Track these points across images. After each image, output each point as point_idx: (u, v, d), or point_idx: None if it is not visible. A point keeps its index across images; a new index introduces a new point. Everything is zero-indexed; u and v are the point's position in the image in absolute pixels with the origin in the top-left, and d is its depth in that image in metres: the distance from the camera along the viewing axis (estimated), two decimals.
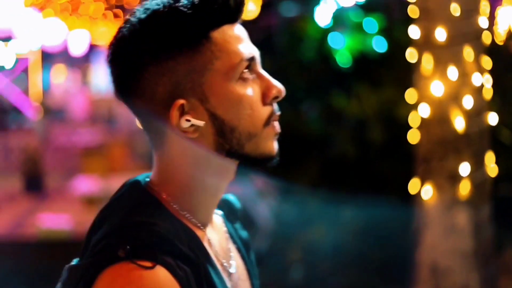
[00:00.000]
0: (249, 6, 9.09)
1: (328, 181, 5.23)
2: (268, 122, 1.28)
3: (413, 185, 3.33)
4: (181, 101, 1.24)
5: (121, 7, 9.82)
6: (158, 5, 1.26)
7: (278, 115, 1.31)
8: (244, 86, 1.27)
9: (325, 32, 6.23)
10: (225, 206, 1.48)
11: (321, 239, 5.07)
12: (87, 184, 7.81)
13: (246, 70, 1.27)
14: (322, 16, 6.33)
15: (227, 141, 1.27)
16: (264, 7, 8.50)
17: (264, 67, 1.29)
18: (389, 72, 5.31)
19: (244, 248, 1.46)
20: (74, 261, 1.29)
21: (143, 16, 1.26)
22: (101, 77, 16.72)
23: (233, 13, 1.28)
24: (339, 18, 6.14)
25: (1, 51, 15.28)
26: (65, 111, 15.84)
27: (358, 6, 6.18)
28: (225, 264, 1.35)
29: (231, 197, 1.52)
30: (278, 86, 1.29)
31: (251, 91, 1.27)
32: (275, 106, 1.30)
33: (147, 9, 1.27)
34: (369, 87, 5.22)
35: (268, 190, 5.53)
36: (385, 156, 5.03)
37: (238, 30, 1.29)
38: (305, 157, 5.45)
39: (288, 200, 5.43)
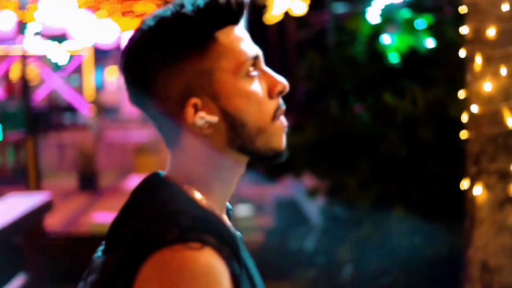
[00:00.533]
0: (298, 5, 9.11)
1: (378, 180, 5.21)
2: (275, 116, 1.36)
3: (464, 184, 3.32)
4: (195, 100, 1.32)
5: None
6: (166, 12, 1.34)
7: (284, 109, 1.38)
8: (250, 83, 1.34)
9: (376, 29, 6.21)
10: None
11: (371, 238, 5.05)
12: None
13: (251, 68, 1.34)
14: (373, 13, 6.31)
15: (239, 136, 1.34)
16: (315, 5, 8.51)
17: (314, 65, 1.37)
18: (440, 71, 5.27)
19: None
20: (99, 253, 1.35)
21: (152, 23, 1.34)
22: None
23: (235, 15, 1.36)
24: (389, 16, 6.11)
25: (55, 51, 15.49)
26: (118, 110, 16.04)
27: (408, 3, 6.15)
28: None
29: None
30: (282, 81, 1.37)
31: (257, 87, 1.35)
32: (281, 100, 1.38)
33: (156, 16, 1.34)
34: (420, 86, 5.19)
35: (318, 189, 5.53)
36: (436, 155, 5.00)
37: (240, 30, 1.37)
38: (355, 156, 5.44)
39: (338, 199, 5.42)
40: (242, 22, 1.39)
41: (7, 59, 16.37)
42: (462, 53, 3.31)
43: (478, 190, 3.24)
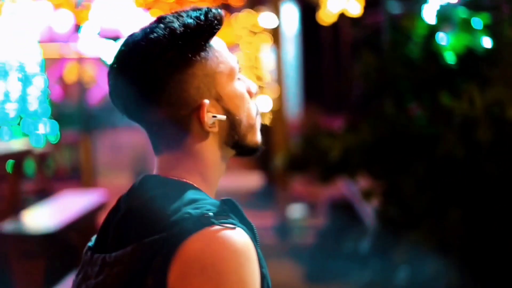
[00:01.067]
0: (353, 5, 9.05)
1: (434, 182, 5.13)
2: (257, 113, 1.56)
3: None
4: (206, 101, 1.45)
5: (227, 6, 9.91)
6: (170, 22, 1.46)
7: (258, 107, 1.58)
8: (239, 85, 1.53)
9: (432, 29, 6.12)
10: None
11: (427, 240, 4.98)
12: None
13: (238, 72, 1.52)
14: (429, 13, 6.22)
15: (237, 133, 1.51)
16: (370, 5, 8.43)
17: (369, 65, 1.42)
18: (498, 70, 5.17)
19: None
20: (90, 249, 1.45)
21: (161, 32, 1.44)
22: None
23: (217, 26, 1.49)
24: (446, 15, 6.02)
25: (110, 51, 15.65)
26: None
27: (464, 2, 6.06)
28: None
29: None
30: (255, 84, 1.58)
31: (244, 89, 1.53)
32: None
33: (166, 27, 1.45)
34: (477, 86, 5.09)
35: (373, 191, 5.48)
36: (494, 157, 4.90)
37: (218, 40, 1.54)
38: (411, 157, 5.36)
39: (393, 201, 5.35)
40: None
41: (64, 59, 16.57)
42: None
43: None
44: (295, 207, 7.09)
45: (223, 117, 1.48)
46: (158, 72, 1.42)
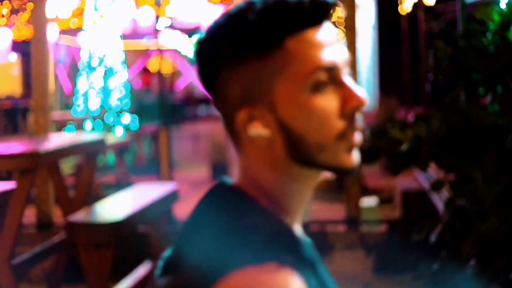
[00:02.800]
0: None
1: (506, 173, 5.06)
2: (342, 135, 1.25)
3: None
4: (247, 109, 1.25)
5: None
6: (237, 9, 1.25)
7: (358, 127, 1.25)
8: (317, 96, 1.23)
9: (507, 18, 6.02)
10: None
11: (496, 233, 4.92)
12: None
13: (322, 79, 1.23)
14: (505, 2, 6.12)
15: (298, 150, 1.25)
16: None
17: (444, 55, 1.27)
18: None
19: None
20: (159, 271, 1.25)
21: (221, 20, 1.26)
22: None
23: (311, 17, 1.24)
24: None
25: (188, 45, 15.82)
26: None
27: None
28: None
29: None
30: (359, 96, 1.24)
31: (325, 101, 1.23)
32: (358, 117, 1.26)
33: (227, 13, 1.26)
34: None
35: (443, 182, 5.43)
36: None
37: (322, 34, 1.25)
38: (483, 148, 5.30)
39: (463, 192, 5.29)
40: (329, 24, 1.26)
41: (147, 53, 16.85)
42: None
43: None
44: (367, 199, 7.07)
45: (265, 132, 1.26)
46: (210, 61, 1.28)
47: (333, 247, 6.24)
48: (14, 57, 18.32)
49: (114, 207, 4.76)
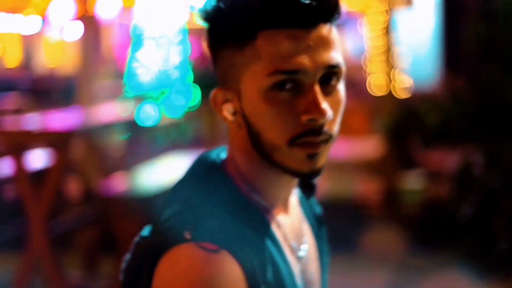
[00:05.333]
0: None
1: None
2: (293, 141, 1.22)
3: None
4: (222, 90, 1.27)
5: None
6: None
7: (318, 138, 1.22)
8: (273, 98, 1.22)
9: None
10: (301, 182, 1.43)
11: None
12: None
13: (286, 82, 1.21)
14: None
15: (256, 143, 1.26)
16: None
17: (480, 35, 1.13)
18: None
19: (316, 225, 1.48)
20: (146, 231, 1.31)
21: (209, 6, 1.28)
22: (350, 42, 16.87)
23: (289, 17, 1.21)
24: None
25: None
26: None
27: None
28: (294, 246, 1.33)
29: None
30: (318, 108, 1.20)
31: (280, 105, 1.21)
32: (325, 128, 1.22)
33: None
34: None
35: (475, 159, 5.41)
36: None
37: (301, 36, 1.22)
38: None
39: (495, 168, 5.27)
40: (320, 28, 1.23)
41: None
42: None
43: None
44: (410, 173, 7.06)
45: (230, 117, 1.28)
46: (207, 37, 1.30)
47: (372, 222, 6.28)
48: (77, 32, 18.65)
49: (149, 179, 4.85)
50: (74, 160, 5.70)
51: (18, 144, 4.99)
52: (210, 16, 1.27)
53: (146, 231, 1.31)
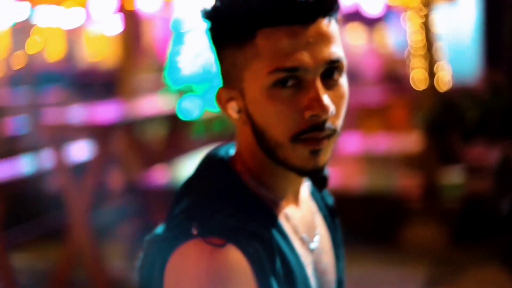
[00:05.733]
0: None
1: None
2: (296, 137, 1.24)
3: None
4: (226, 89, 1.30)
5: None
6: None
7: (321, 133, 1.24)
8: (277, 95, 1.23)
9: None
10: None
11: None
12: (361, 142, 7.97)
13: (287, 79, 1.22)
14: None
15: (261, 140, 1.28)
16: None
17: None
18: None
19: (329, 216, 1.50)
20: (159, 229, 1.37)
21: (211, 4, 1.31)
22: (393, 37, 16.79)
23: (287, 15, 1.22)
24: None
25: None
26: (356, 71, 16.11)
27: None
28: (305, 237, 1.35)
29: None
30: (321, 104, 1.21)
31: (282, 102, 1.23)
32: (327, 124, 1.24)
33: None
34: None
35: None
36: None
37: (300, 32, 1.23)
38: None
39: None
40: (318, 24, 1.24)
41: None
42: None
43: None
44: (451, 168, 7.00)
45: (235, 115, 1.30)
46: (209, 36, 1.32)
47: (411, 217, 6.25)
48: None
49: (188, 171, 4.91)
50: (115, 152, 5.77)
51: (59, 136, 5.07)
52: (210, 15, 1.29)
53: (160, 228, 1.36)
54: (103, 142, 4.98)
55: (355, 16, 16.80)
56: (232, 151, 1.37)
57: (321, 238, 1.42)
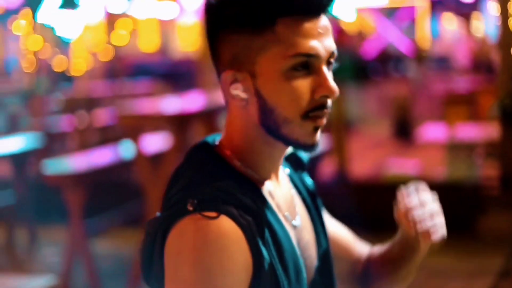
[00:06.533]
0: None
1: None
2: (307, 114, 1.37)
3: None
4: (233, 71, 1.38)
5: None
6: None
7: (325, 112, 1.38)
8: (292, 78, 1.36)
9: None
10: (292, 159, 1.63)
11: None
12: (446, 130, 7.91)
13: (300, 64, 1.35)
14: None
15: (267, 119, 1.39)
16: None
17: None
18: None
19: (309, 198, 1.62)
20: (158, 214, 1.46)
21: None
22: (487, 25, 16.48)
23: (305, 7, 1.36)
24: None
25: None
26: (448, 60, 15.89)
27: None
28: (287, 215, 1.48)
29: (298, 152, 1.64)
30: (330, 87, 1.36)
31: (298, 84, 1.36)
32: (329, 103, 1.39)
33: None
34: None
35: None
36: None
37: (313, 24, 1.36)
38: None
39: None
40: (324, 17, 1.38)
41: None
42: None
43: None
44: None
45: (244, 95, 1.40)
46: (211, 25, 1.42)
47: (490, 206, 6.19)
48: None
49: None
50: (194, 142, 5.88)
51: (138, 127, 5.25)
52: (223, 2, 1.39)
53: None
54: (180, 131, 5.12)
55: (449, 4, 16.58)
56: (217, 139, 1.48)
57: (301, 217, 1.54)
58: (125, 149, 5.86)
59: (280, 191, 1.50)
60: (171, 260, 1.32)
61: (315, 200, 1.63)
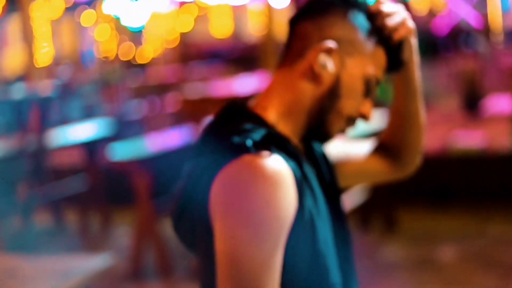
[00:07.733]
0: None
1: None
2: (351, 118, 1.57)
3: None
4: (334, 46, 1.52)
5: None
6: None
7: (354, 125, 1.59)
8: (365, 85, 1.55)
9: None
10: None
11: None
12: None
13: (374, 83, 1.57)
14: None
15: (329, 100, 1.54)
16: None
17: None
18: None
19: (324, 161, 1.69)
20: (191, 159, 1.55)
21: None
22: None
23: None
24: None
25: None
26: None
27: None
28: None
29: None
30: (370, 116, 1.59)
31: (364, 93, 1.56)
32: (359, 121, 1.59)
33: None
34: None
35: None
36: None
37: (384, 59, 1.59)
38: None
39: None
40: None
41: None
42: None
43: None
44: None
45: (332, 68, 1.53)
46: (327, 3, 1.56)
47: None
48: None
49: None
50: None
51: (198, 110, 5.39)
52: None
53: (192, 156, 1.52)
54: None
55: None
56: (250, 102, 1.57)
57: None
58: (190, 132, 6.00)
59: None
60: (227, 196, 1.37)
61: (328, 162, 1.70)
